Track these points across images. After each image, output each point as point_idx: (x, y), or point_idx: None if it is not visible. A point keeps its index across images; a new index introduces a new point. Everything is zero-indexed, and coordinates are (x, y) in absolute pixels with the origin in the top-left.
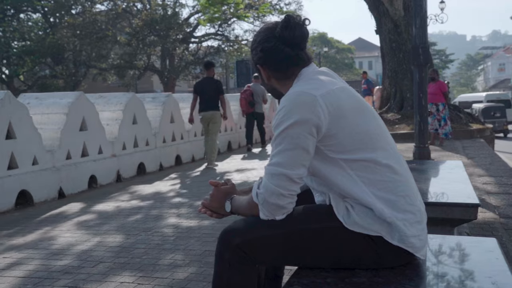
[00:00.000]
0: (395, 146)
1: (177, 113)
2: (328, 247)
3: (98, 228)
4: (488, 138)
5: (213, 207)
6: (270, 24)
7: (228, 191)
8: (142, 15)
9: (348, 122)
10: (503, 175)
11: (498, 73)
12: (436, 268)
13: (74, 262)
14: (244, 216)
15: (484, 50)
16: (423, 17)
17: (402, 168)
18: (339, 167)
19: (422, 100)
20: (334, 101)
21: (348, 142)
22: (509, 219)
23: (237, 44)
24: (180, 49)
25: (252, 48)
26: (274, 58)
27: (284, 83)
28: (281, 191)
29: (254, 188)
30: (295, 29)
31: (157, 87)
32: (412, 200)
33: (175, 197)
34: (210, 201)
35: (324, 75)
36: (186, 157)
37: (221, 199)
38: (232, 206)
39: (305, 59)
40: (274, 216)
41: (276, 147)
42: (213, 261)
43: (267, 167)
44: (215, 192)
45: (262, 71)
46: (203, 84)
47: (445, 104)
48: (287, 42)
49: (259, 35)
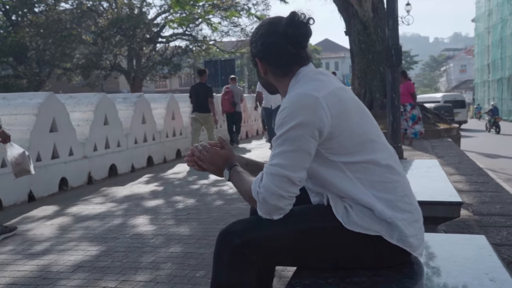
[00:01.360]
0: (390, 146)
1: (149, 114)
2: (327, 247)
3: (73, 232)
4: (455, 138)
5: (209, 170)
6: (274, 19)
7: (227, 156)
8: (108, 14)
9: (349, 124)
10: (472, 174)
11: (459, 74)
12: (433, 266)
13: (52, 268)
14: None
15: (446, 51)
16: (396, 18)
17: (400, 168)
18: (338, 169)
19: (395, 100)
20: (336, 103)
21: (349, 144)
22: (483, 216)
23: (205, 44)
24: (147, 49)
25: (252, 40)
26: (274, 53)
27: (280, 80)
28: (282, 193)
29: (254, 184)
30: (300, 27)
31: (124, 87)
32: (410, 200)
33: (150, 199)
34: (208, 163)
35: (323, 75)
36: (157, 158)
37: (221, 165)
38: (230, 178)
39: (305, 58)
40: (271, 216)
41: (278, 148)
42: (196, 263)
43: (269, 167)
44: (216, 156)
45: (260, 64)
46: (197, 89)
47: (413, 104)
48: (289, 39)
49: (261, 28)
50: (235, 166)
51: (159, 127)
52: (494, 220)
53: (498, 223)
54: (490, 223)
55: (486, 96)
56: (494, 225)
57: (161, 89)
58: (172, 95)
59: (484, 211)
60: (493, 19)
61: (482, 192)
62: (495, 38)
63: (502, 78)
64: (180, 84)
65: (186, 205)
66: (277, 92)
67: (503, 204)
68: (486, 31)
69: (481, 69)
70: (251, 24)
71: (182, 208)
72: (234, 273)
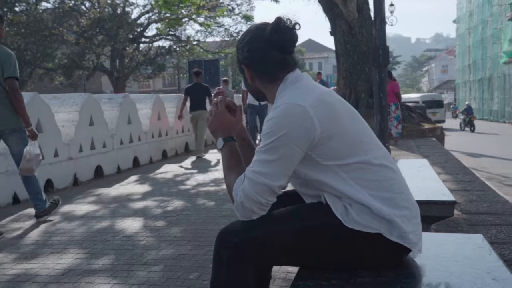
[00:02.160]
0: (383, 146)
1: (134, 114)
2: (327, 246)
3: (61, 234)
4: (439, 137)
5: (210, 126)
6: (260, 24)
7: (231, 125)
8: (90, 14)
9: (340, 128)
10: (458, 173)
11: (441, 74)
12: (435, 265)
13: (41, 271)
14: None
15: (428, 52)
16: (383, 18)
17: (395, 166)
18: (332, 172)
19: (383, 100)
20: (324, 109)
21: (341, 148)
22: (471, 214)
23: (188, 44)
24: (130, 49)
25: (239, 47)
26: (260, 60)
27: (268, 86)
28: (261, 200)
29: (236, 184)
30: (285, 32)
31: (106, 88)
32: (407, 196)
33: (138, 200)
34: (212, 118)
35: (309, 80)
36: (144, 159)
37: (220, 129)
38: (222, 150)
39: (292, 63)
40: (244, 218)
41: (262, 155)
42: (189, 265)
43: (250, 172)
44: (221, 117)
45: (247, 71)
46: (194, 89)
47: (398, 104)
48: (275, 45)
49: (247, 34)
50: (231, 141)
51: (145, 127)
52: (483, 218)
53: (486, 222)
54: (479, 221)
55: (468, 96)
56: (483, 224)
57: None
58: (158, 96)
59: (473, 210)
60: (474, 20)
61: (470, 191)
62: (476, 39)
63: (483, 78)
64: (163, 85)
65: (175, 206)
66: (265, 99)
67: (490, 203)
68: (467, 32)
69: (462, 69)
70: (235, 25)
71: (171, 209)
72: (234, 272)
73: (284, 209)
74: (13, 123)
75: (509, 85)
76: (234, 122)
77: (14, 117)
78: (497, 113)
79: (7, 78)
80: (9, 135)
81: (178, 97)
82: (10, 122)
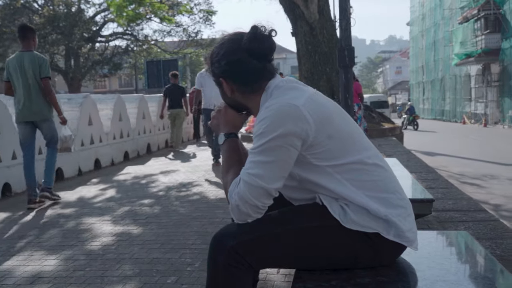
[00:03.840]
0: (372, 144)
1: (95, 115)
2: (325, 246)
3: (25, 239)
4: (399, 136)
5: (214, 119)
6: (234, 36)
7: (234, 120)
8: (43, 12)
9: (332, 128)
10: (422, 171)
11: (395, 76)
12: (430, 263)
13: (7, 280)
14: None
15: (382, 53)
16: (348, 20)
17: (386, 165)
18: (326, 173)
19: (348, 100)
20: (316, 108)
21: (335, 148)
22: (440, 212)
23: (146, 44)
24: (86, 48)
25: (214, 60)
26: (240, 71)
27: (249, 97)
28: (257, 203)
29: (232, 186)
30: (263, 41)
31: (61, 88)
32: (401, 195)
33: (103, 203)
34: (217, 111)
35: (295, 82)
36: (105, 161)
37: (223, 123)
38: (223, 146)
39: (272, 71)
40: (239, 221)
41: (257, 156)
42: (164, 269)
43: (246, 174)
44: (226, 112)
45: (225, 84)
46: (171, 89)
47: (360, 104)
48: (254, 54)
49: (222, 47)
50: (233, 138)
51: (106, 128)
52: (450, 215)
53: (454, 219)
54: (447, 218)
55: (421, 97)
56: (451, 221)
57: (100, 89)
58: (119, 96)
59: (440, 207)
60: (426, 23)
61: (434, 188)
62: (429, 41)
63: (435, 79)
64: (120, 85)
65: (143, 209)
66: (247, 110)
67: (455, 200)
68: (420, 34)
69: (415, 70)
70: (193, 24)
71: (139, 212)
72: (230, 276)
73: (280, 210)
74: (45, 114)
75: (460, 86)
76: (237, 118)
77: (46, 109)
78: (449, 113)
79: (43, 78)
80: (42, 123)
81: (139, 98)
82: (44, 114)
